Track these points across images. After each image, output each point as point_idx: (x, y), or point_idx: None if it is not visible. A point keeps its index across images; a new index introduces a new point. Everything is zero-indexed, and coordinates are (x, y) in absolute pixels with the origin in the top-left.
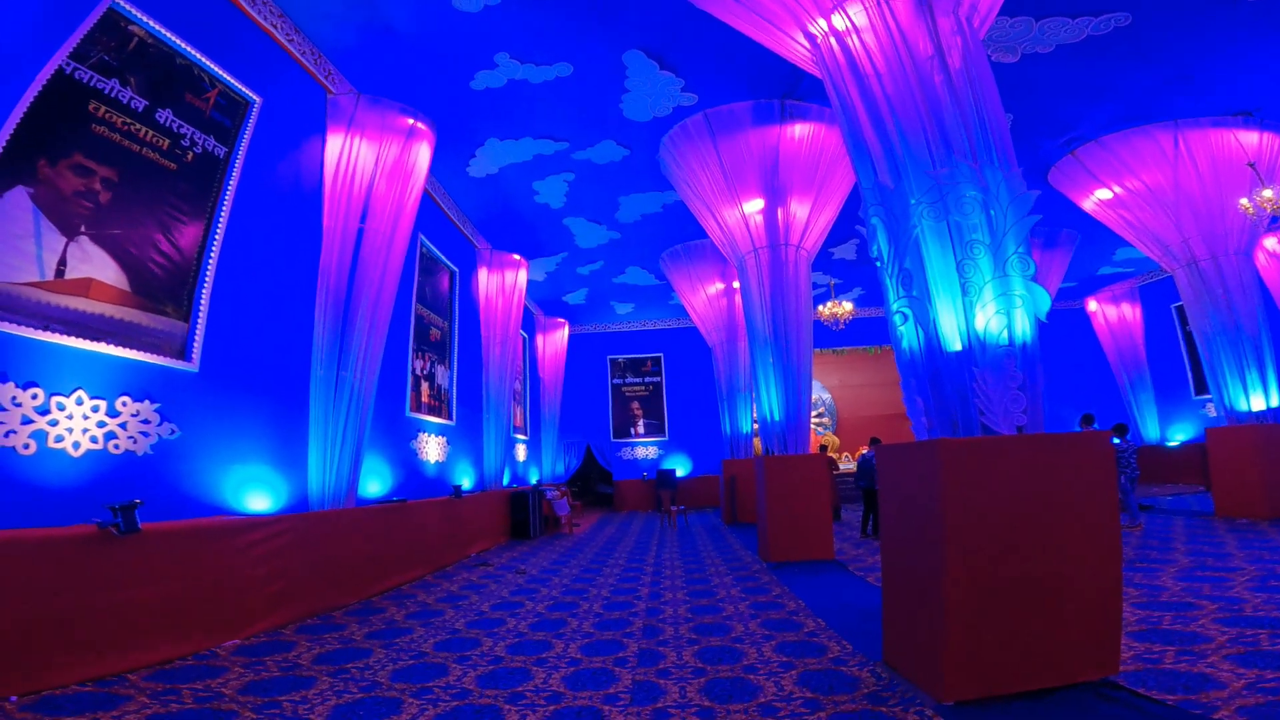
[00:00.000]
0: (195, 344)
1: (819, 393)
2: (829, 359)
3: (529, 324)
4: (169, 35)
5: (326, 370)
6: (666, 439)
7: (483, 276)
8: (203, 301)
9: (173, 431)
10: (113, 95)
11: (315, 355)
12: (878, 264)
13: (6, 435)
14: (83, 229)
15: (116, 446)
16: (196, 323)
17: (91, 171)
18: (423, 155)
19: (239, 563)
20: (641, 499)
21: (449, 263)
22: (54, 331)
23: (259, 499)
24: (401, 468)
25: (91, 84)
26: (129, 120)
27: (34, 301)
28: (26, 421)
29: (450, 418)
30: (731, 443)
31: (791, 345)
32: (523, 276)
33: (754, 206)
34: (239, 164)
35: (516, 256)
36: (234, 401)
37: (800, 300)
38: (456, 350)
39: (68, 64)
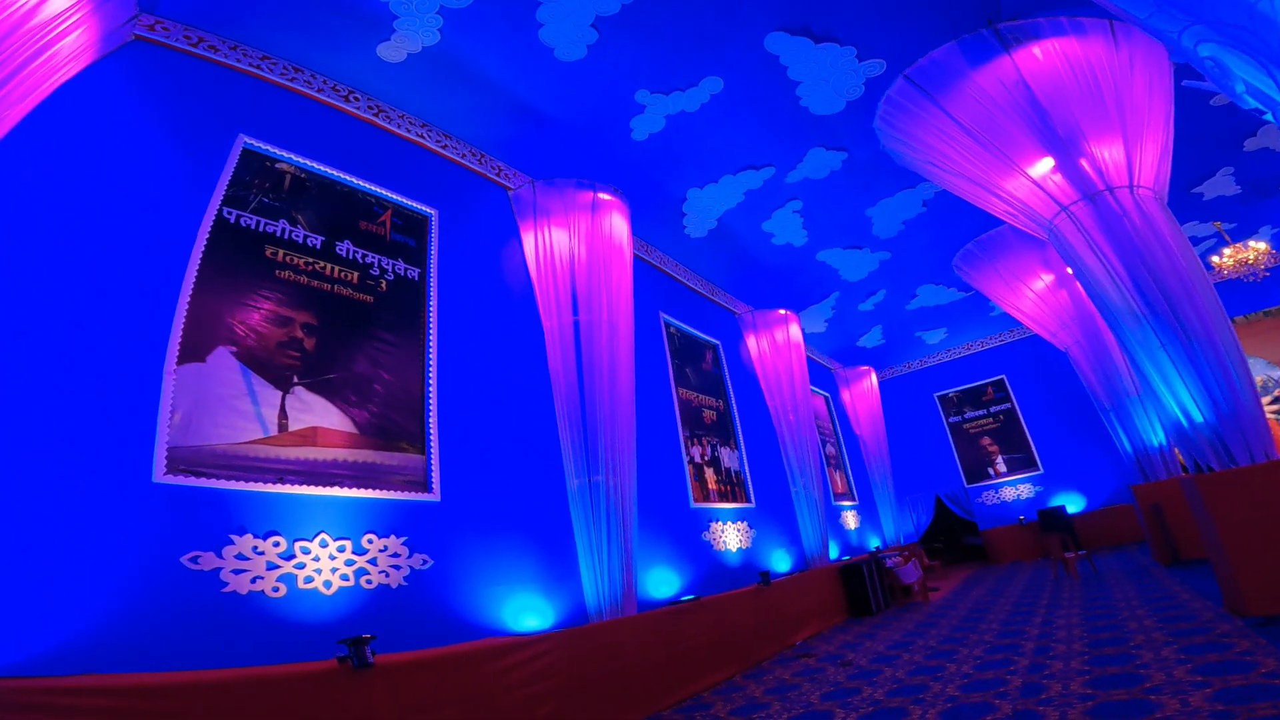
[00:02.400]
0: (433, 474)
1: (1266, 371)
2: (1265, 326)
3: (825, 381)
4: (319, 166)
5: (579, 477)
6: (1040, 472)
7: (751, 343)
8: (432, 430)
9: (425, 562)
10: (286, 236)
11: (565, 463)
12: None
13: (254, 581)
14: (295, 380)
15: (369, 582)
16: (431, 452)
17: (289, 319)
18: (618, 225)
19: (499, 686)
20: (1022, 547)
21: (705, 336)
22: (288, 483)
23: (529, 618)
24: (694, 563)
25: (261, 229)
26: (311, 259)
27: (262, 457)
28: (272, 567)
29: (747, 500)
30: (1140, 460)
31: (1186, 314)
32: (795, 331)
33: (1042, 165)
34: (434, 282)
35: (781, 312)
36: (485, 523)
37: (1175, 253)
38: (740, 428)
39: (228, 212)
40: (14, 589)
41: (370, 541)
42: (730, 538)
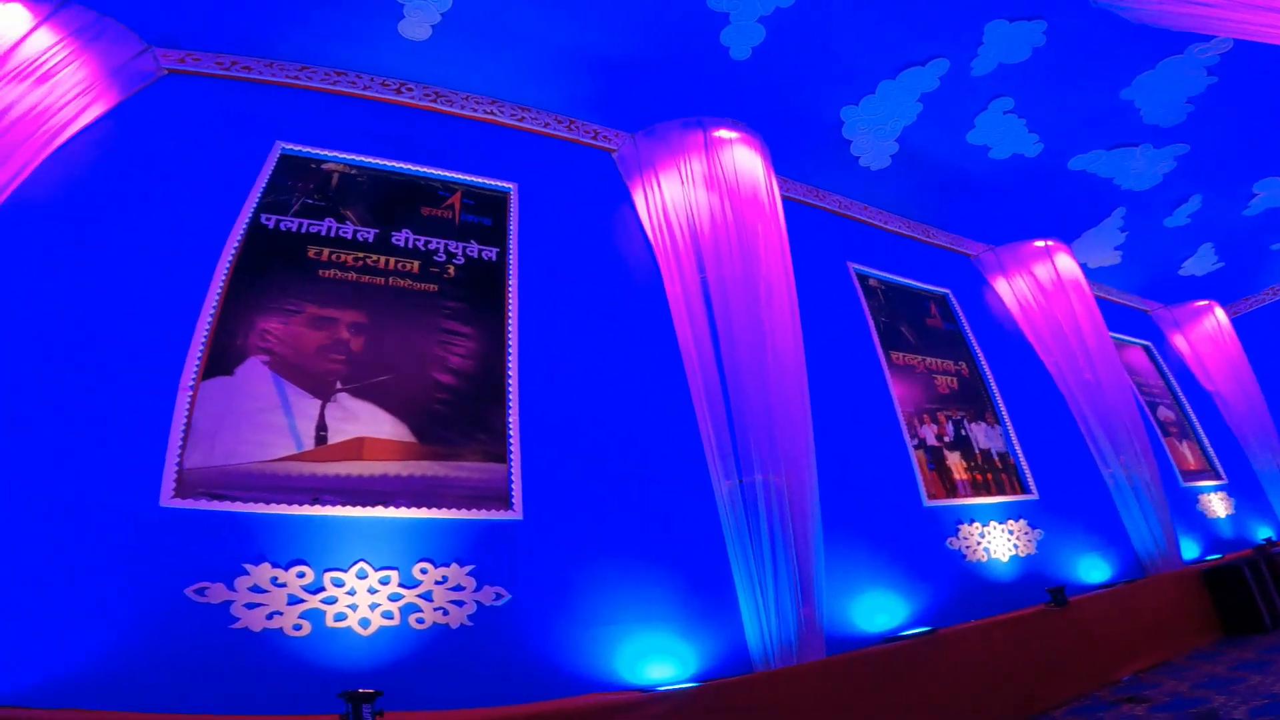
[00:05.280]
0: (514, 485)
1: None
2: None
3: (1137, 326)
4: (371, 160)
5: (729, 477)
6: None
7: (1001, 288)
8: (513, 431)
9: (499, 596)
10: (332, 234)
11: (710, 461)
12: None
13: (270, 617)
14: (338, 385)
15: (421, 621)
16: (511, 458)
17: (333, 320)
18: (745, 162)
19: None
20: None
21: (924, 286)
22: (324, 503)
23: (658, 666)
24: (932, 581)
25: (304, 230)
26: (361, 253)
27: (293, 475)
28: (294, 601)
29: (1023, 490)
30: None
31: None
32: (1068, 265)
33: None
34: (514, 260)
35: (1039, 244)
36: (588, 544)
37: None
38: (999, 396)
39: (265, 218)
40: (11, 615)
41: (424, 572)
42: (996, 543)
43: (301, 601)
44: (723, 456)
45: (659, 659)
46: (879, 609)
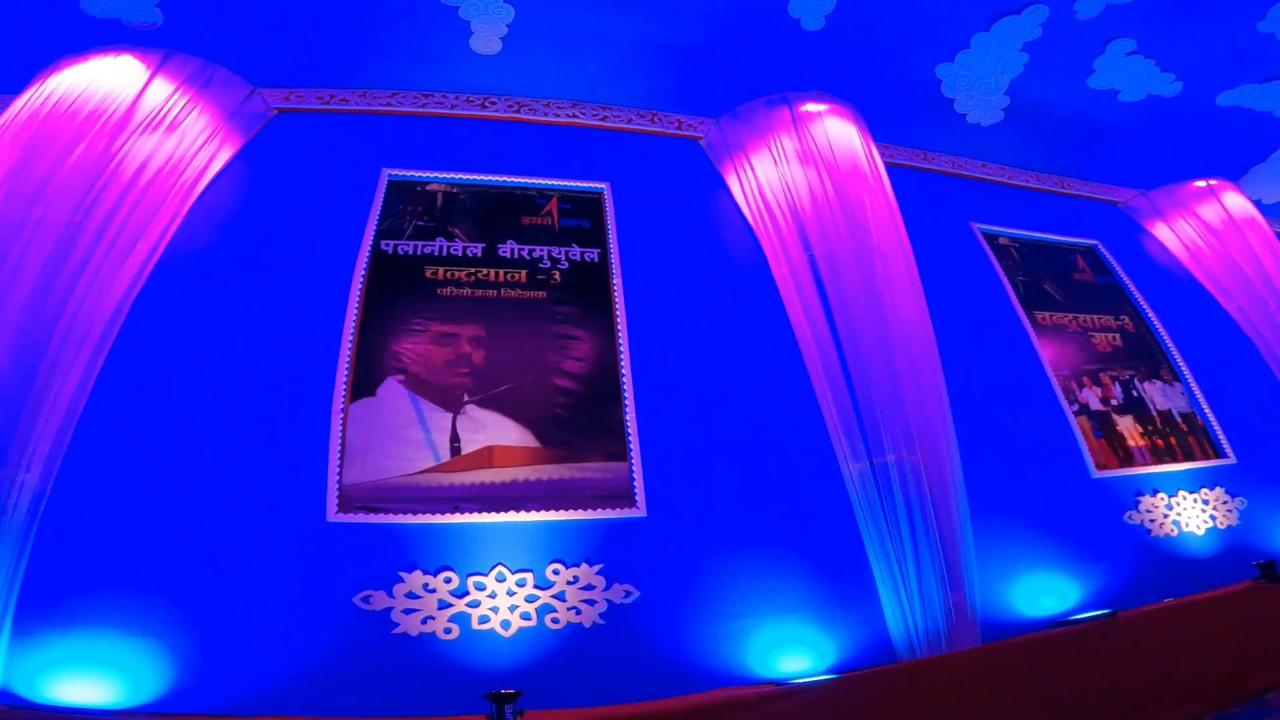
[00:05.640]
0: (636, 482)
1: None
2: None
3: None
4: (468, 176)
5: (857, 460)
6: None
7: (1162, 233)
8: (631, 429)
9: (628, 594)
10: (444, 252)
11: (836, 443)
12: None
13: (424, 622)
14: (465, 398)
15: (556, 620)
16: (631, 456)
17: (454, 335)
18: (839, 133)
19: None
20: None
21: (1068, 239)
22: (462, 511)
23: (792, 658)
24: (1108, 559)
25: (419, 252)
26: (472, 269)
27: (434, 486)
28: (444, 605)
29: (1216, 454)
30: None
31: None
32: (1238, 203)
33: None
34: (616, 259)
35: (1200, 183)
36: (712, 538)
37: None
38: (1173, 348)
39: (385, 244)
40: (221, 631)
41: (556, 573)
42: (1188, 515)
43: (450, 606)
44: (849, 438)
45: (792, 651)
46: (1045, 591)
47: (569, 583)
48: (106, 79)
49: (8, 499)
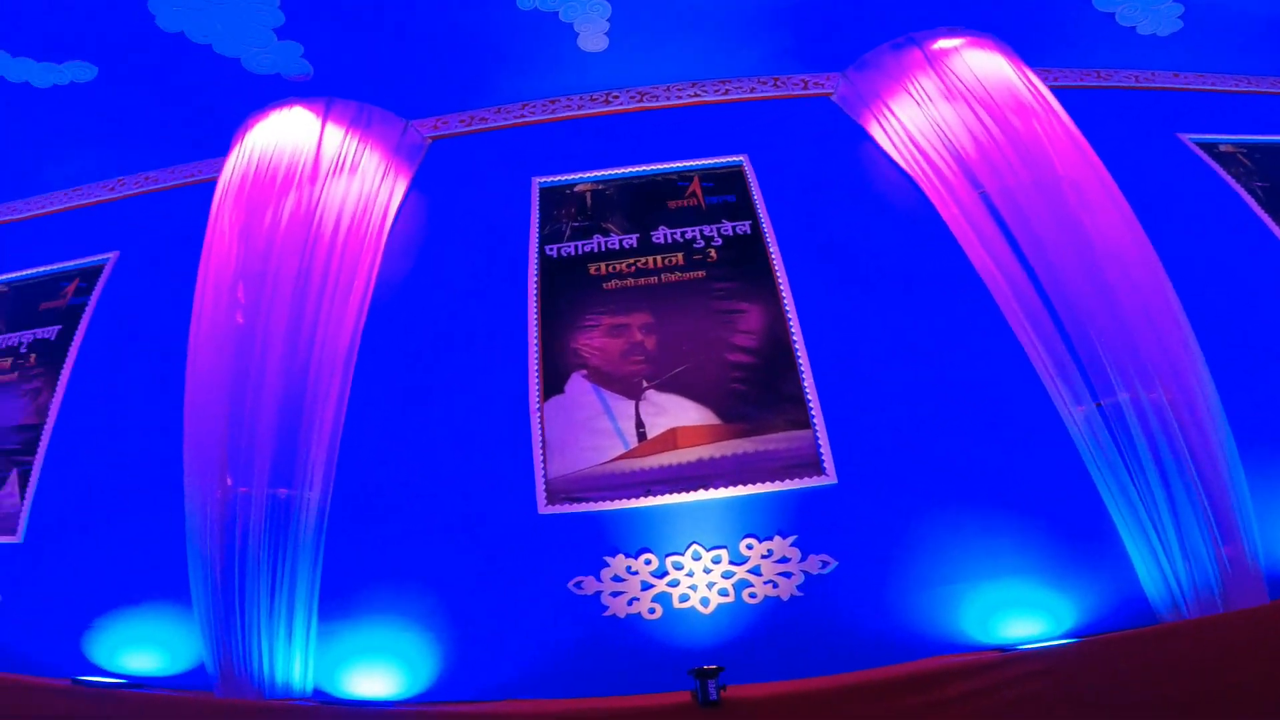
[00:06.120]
0: (823, 449)
1: None
2: None
3: None
4: (609, 172)
5: (1081, 402)
6: None
7: None
8: (810, 395)
9: (825, 564)
10: (603, 249)
11: (1049, 386)
12: None
13: (630, 603)
14: (644, 384)
15: (753, 595)
16: (815, 423)
17: (625, 326)
18: (983, 65)
19: None
20: None
21: None
22: (654, 494)
23: (1020, 622)
24: None
25: (580, 252)
26: (631, 259)
27: (626, 472)
28: (646, 587)
29: None
30: None
31: None
32: None
33: None
34: (768, 227)
35: None
36: (912, 499)
37: None
38: None
39: (549, 249)
40: (471, 621)
41: (749, 547)
42: None
43: (652, 586)
44: (1065, 380)
45: (1018, 614)
46: None
47: (763, 556)
48: (290, 132)
49: (301, 515)
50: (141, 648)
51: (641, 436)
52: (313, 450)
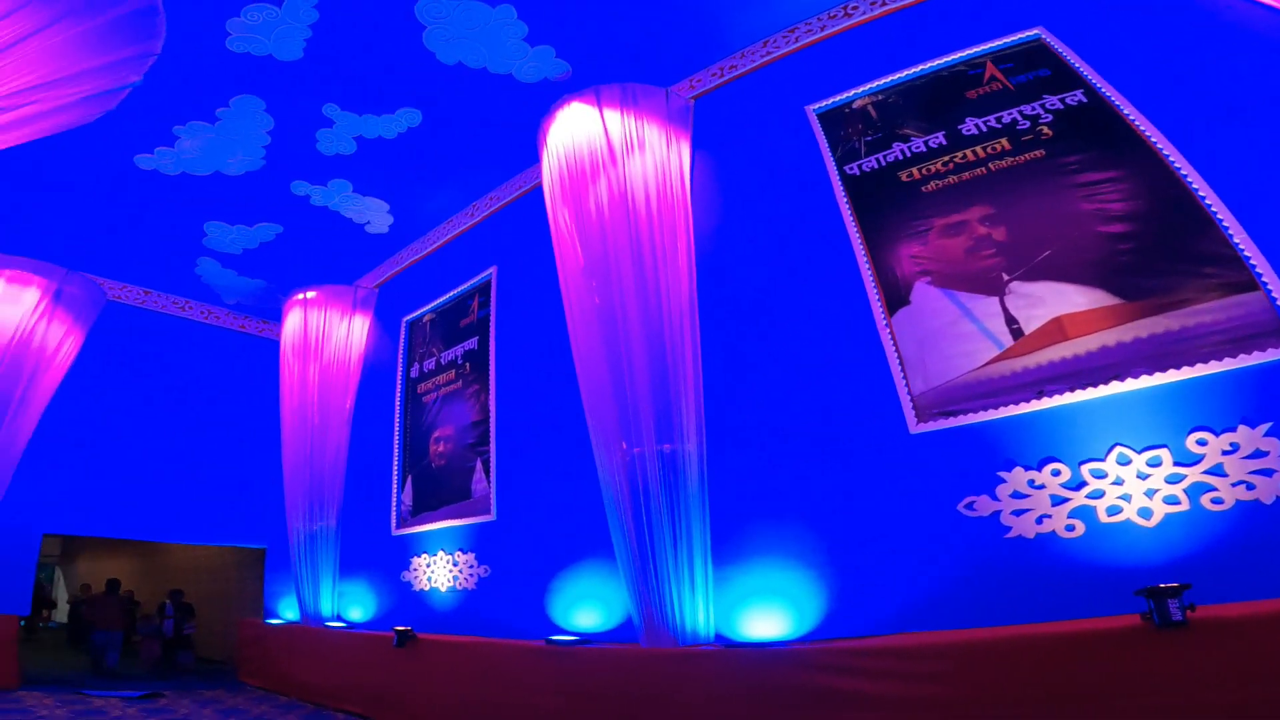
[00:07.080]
0: None
1: None
2: None
3: None
4: (889, 79)
5: None
6: None
7: None
8: (1245, 248)
9: None
10: (909, 154)
11: None
12: None
13: (1039, 521)
14: (1005, 278)
15: (1218, 501)
16: (1265, 281)
17: (962, 224)
18: None
19: None
20: None
21: None
22: (1048, 395)
23: None
24: None
25: (884, 163)
26: (946, 156)
27: (1005, 375)
28: (1058, 501)
29: None
30: None
31: None
32: None
33: None
34: (1108, 90)
35: None
36: None
37: None
38: None
39: (850, 168)
40: (851, 557)
41: (1201, 443)
42: None
43: (1066, 501)
44: None
45: None
46: None
47: (1224, 452)
48: (579, 126)
49: (685, 467)
50: (586, 605)
51: (1016, 334)
52: (683, 405)
